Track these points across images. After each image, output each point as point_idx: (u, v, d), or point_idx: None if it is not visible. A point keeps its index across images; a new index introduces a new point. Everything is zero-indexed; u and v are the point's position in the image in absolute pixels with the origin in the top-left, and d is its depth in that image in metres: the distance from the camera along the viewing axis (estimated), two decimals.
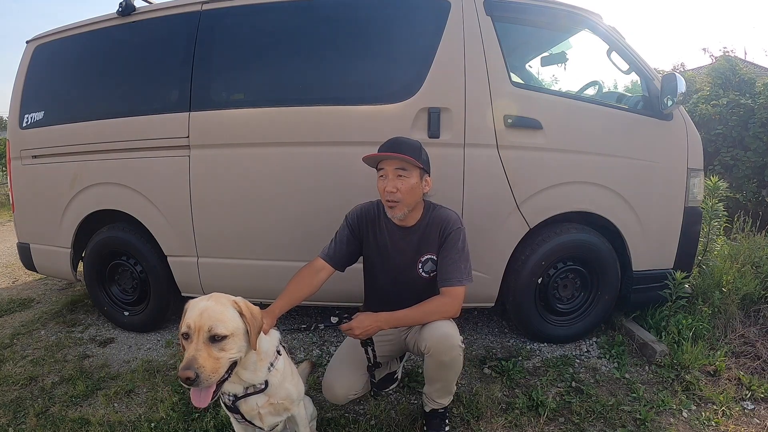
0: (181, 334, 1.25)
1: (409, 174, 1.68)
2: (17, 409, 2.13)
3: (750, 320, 2.67)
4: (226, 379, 1.29)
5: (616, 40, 2.49)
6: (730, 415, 1.98)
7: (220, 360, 1.22)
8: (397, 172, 1.67)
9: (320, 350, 2.62)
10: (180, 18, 2.60)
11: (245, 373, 1.37)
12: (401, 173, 1.67)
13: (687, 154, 2.45)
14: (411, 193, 1.69)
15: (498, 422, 1.95)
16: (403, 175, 1.67)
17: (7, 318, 3.22)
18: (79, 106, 2.80)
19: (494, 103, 2.29)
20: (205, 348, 1.20)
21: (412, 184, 1.68)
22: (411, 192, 1.69)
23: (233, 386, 1.39)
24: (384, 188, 1.69)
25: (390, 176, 1.68)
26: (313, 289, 1.75)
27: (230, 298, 1.33)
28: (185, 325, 1.24)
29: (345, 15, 2.46)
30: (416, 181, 1.69)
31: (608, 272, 2.49)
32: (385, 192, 1.69)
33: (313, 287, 1.75)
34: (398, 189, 1.67)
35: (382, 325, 1.64)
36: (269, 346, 1.44)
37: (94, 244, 2.87)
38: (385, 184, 1.69)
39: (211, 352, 1.21)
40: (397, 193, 1.67)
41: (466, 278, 1.72)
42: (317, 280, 1.77)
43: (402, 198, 1.68)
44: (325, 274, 1.80)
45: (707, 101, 5.34)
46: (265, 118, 2.43)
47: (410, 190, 1.68)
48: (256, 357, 1.37)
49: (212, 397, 1.24)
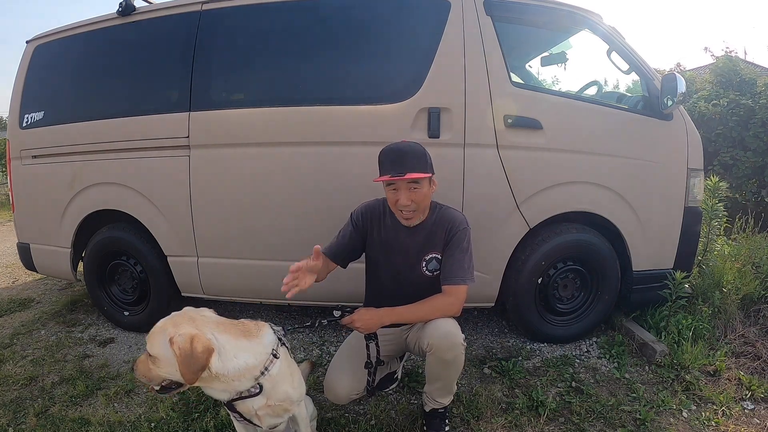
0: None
1: (421, 185, 1.68)
2: (17, 409, 2.13)
3: (750, 320, 2.67)
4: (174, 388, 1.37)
5: (616, 40, 2.49)
6: (730, 415, 1.98)
7: (151, 371, 1.33)
8: (410, 185, 1.67)
9: (320, 350, 2.62)
10: (180, 18, 2.60)
11: (215, 386, 1.35)
12: (414, 186, 1.67)
13: (687, 154, 2.45)
14: (425, 200, 1.72)
15: (498, 422, 1.95)
16: (416, 188, 1.68)
17: (7, 318, 3.22)
18: (79, 106, 2.80)
19: (494, 103, 2.29)
20: (146, 356, 1.34)
21: (425, 192, 1.70)
22: (425, 199, 1.72)
23: (217, 393, 1.38)
24: (397, 201, 1.69)
25: (403, 190, 1.67)
26: (319, 277, 1.70)
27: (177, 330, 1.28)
28: None
29: (345, 15, 2.45)
30: (427, 188, 1.71)
31: (608, 272, 2.49)
32: (398, 204, 1.69)
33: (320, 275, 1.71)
34: (413, 200, 1.68)
35: (384, 319, 1.65)
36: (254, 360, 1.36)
37: (94, 244, 2.87)
38: (397, 197, 1.68)
39: (147, 362, 1.34)
40: (413, 204, 1.68)
41: (469, 278, 1.72)
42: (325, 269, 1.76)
43: (417, 207, 1.70)
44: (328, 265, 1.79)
45: (707, 101, 5.33)
46: (265, 118, 2.42)
47: (424, 198, 1.71)
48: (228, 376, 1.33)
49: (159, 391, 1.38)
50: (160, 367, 1.30)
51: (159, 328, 1.32)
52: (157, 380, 1.34)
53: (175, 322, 1.33)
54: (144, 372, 1.34)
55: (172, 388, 1.37)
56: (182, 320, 1.34)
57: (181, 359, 1.24)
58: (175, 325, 1.31)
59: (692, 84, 6.02)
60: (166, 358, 1.28)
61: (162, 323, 1.34)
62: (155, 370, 1.32)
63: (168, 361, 1.28)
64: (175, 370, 1.28)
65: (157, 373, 1.32)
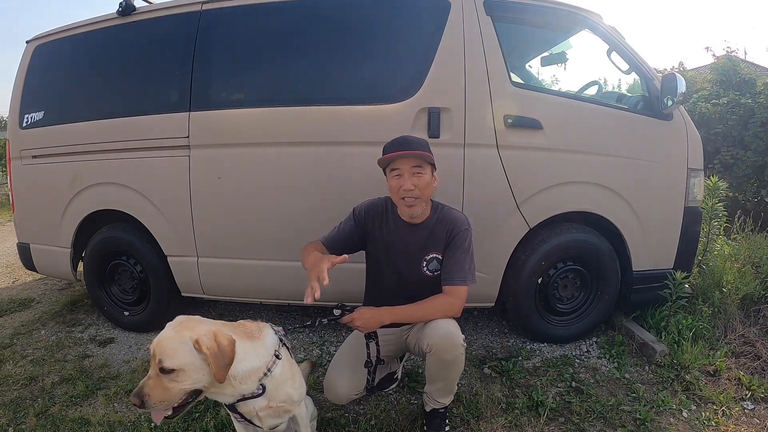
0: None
1: (424, 170, 1.70)
2: (17, 409, 2.13)
3: (750, 320, 2.67)
4: (190, 402, 1.29)
5: (616, 40, 2.49)
6: (730, 415, 1.98)
7: (170, 390, 1.22)
8: (413, 170, 1.68)
9: (320, 350, 2.62)
10: (180, 18, 2.60)
11: (223, 390, 1.33)
12: (418, 171, 1.69)
13: (687, 154, 2.45)
14: (428, 189, 1.72)
15: (498, 422, 1.95)
16: (419, 173, 1.69)
17: (7, 318, 3.22)
18: (79, 106, 2.80)
19: (494, 103, 2.29)
20: (156, 378, 1.22)
21: (427, 180, 1.71)
22: (427, 188, 1.72)
23: (221, 397, 1.36)
24: (401, 187, 1.69)
25: (406, 175, 1.69)
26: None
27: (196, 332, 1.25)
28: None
29: (345, 15, 2.46)
30: (430, 176, 1.72)
31: (608, 272, 2.49)
32: (401, 190, 1.69)
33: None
34: (416, 186, 1.68)
35: (384, 318, 1.65)
36: (259, 362, 1.36)
37: (94, 244, 2.87)
38: (401, 183, 1.69)
39: (160, 382, 1.22)
40: (416, 190, 1.68)
41: (470, 278, 1.73)
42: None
43: (420, 194, 1.70)
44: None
45: (707, 101, 5.33)
46: (265, 118, 2.43)
47: (427, 186, 1.71)
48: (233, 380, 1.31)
49: (173, 416, 1.27)
50: (183, 379, 1.22)
51: (174, 339, 1.24)
52: (178, 398, 1.24)
53: (186, 327, 1.27)
54: (161, 396, 1.21)
55: (188, 403, 1.29)
56: (191, 323, 1.29)
57: (213, 358, 1.22)
58: (190, 329, 1.26)
59: (693, 84, 6.02)
60: (193, 365, 1.22)
61: (173, 333, 1.25)
62: (175, 387, 1.23)
63: (195, 368, 1.23)
64: (202, 375, 1.24)
65: (179, 389, 1.23)
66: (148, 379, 1.23)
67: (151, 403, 1.21)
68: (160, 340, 1.25)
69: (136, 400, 1.20)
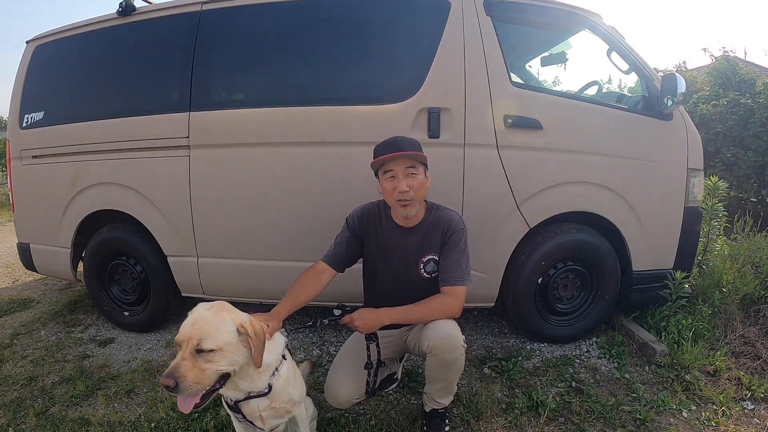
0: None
1: (417, 171, 1.70)
2: (17, 409, 2.13)
3: (750, 320, 2.67)
4: (217, 389, 1.28)
5: (616, 40, 2.49)
6: (730, 415, 1.98)
7: (205, 371, 1.20)
8: (407, 171, 1.68)
9: (320, 350, 2.62)
10: (180, 18, 2.60)
11: (243, 382, 1.34)
12: (411, 171, 1.69)
13: (687, 154, 2.45)
14: (422, 189, 1.72)
15: (498, 422, 1.95)
16: (413, 173, 1.69)
17: (7, 318, 3.22)
18: (79, 106, 2.80)
19: (494, 103, 2.29)
20: (191, 358, 1.19)
21: (421, 180, 1.71)
22: (421, 188, 1.72)
23: (233, 393, 1.37)
24: (395, 188, 1.69)
25: (400, 176, 1.68)
26: (317, 292, 1.76)
27: (238, 317, 1.30)
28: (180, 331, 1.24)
29: (345, 15, 2.46)
30: (423, 177, 1.72)
31: (608, 272, 2.49)
32: (396, 192, 1.69)
33: (317, 290, 1.76)
34: (411, 187, 1.68)
35: (383, 319, 1.65)
36: (273, 358, 1.40)
37: (94, 244, 2.87)
38: (395, 184, 1.69)
39: (196, 363, 1.20)
40: (410, 191, 1.68)
41: (467, 278, 1.73)
42: (320, 283, 1.78)
43: (414, 195, 1.70)
44: (327, 276, 1.81)
45: (707, 101, 5.33)
46: (265, 118, 2.42)
47: (421, 187, 1.71)
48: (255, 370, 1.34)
49: (200, 404, 1.24)
50: (219, 359, 1.22)
51: (214, 320, 1.25)
52: (211, 380, 1.23)
53: (224, 308, 1.30)
54: (196, 377, 1.18)
55: (214, 390, 1.28)
56: (227, 306, 1.33)
57: (255, 342, 1.26)
58: (228, 311, 1.30)
59: (692, 84, 6.03)
60: (232, 344, 1.24)
61: (212, 315, 1.26)
62: (211, 368, 1.21)
63: (233, 349, 1.25)
64: (238, 357, 1.26)
65: (214, 369, 1.22)
66: (182, 360, 1.19)
67: (187, 385, 1.17)
68: (198, 320, 1.24)
69: (170, 381, 1.15)
